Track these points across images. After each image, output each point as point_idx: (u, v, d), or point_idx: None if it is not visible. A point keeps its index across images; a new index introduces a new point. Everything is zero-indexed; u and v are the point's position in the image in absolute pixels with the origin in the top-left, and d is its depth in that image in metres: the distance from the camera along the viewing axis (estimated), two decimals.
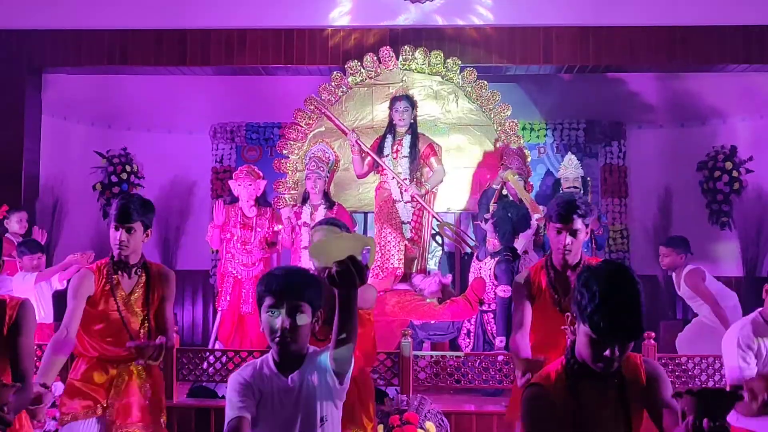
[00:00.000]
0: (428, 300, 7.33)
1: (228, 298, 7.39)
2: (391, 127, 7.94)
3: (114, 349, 4.15)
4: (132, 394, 4.18)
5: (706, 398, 2.26)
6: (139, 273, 4.27)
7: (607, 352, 2.59)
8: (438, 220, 7.86)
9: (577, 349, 2.70)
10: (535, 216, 7.36)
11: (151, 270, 4.31)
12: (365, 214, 8.64)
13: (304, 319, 2.82)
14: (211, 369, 6.06)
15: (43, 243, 7.43)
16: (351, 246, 2.68)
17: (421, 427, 5.28)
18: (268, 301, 2.82)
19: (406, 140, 7.84)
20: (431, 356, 6.19)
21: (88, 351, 4.20)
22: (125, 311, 4.19)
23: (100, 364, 4.21)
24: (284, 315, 2.79)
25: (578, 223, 4.00)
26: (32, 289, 6.74)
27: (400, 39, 8.57)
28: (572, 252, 4.04)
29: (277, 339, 2.80)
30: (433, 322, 7.40)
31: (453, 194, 8.39)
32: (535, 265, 4.28)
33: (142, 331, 4.20)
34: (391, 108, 7.91)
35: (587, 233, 4.09)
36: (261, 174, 7.68)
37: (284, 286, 2.81)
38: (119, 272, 4.24)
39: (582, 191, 8.01)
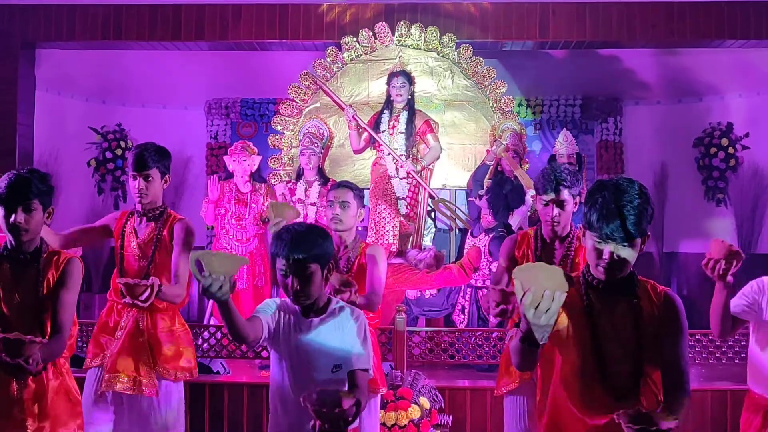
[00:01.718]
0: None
1: None
2: (388, 103, 7.92)
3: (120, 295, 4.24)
4: (123, 342, 4.25)
5: (638, 427, 2.41)
6: (159, 221, 4.40)
7: (604, 254, 2.73)
8: (433, 197, 7.85)
9: (587, 259, 2.85)
10: (530, 192, 7.35)
11: (169, 219, 4.42)
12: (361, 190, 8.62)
13: (312, 275, 3.09)
14: (205, 345, 6.07)
15: None
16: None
17: (415, 403, 5.30)
18: (278, 263, 3.10)
19: (403, 116, 7.82)
20: (425, 332, 6.20)
21: (111, 296, 4.42)
22: (137, 255, 4.34)
23: (114, 310, 4.37)
24: (294, 276, 3.07)
25: (565, 194, 4.03)
26: None
27: (395, 14, 8.52)
28: (561, 224, 4.08)
29: (292, 298, 3.12)
30: (428, 296, 7.42)
31: (449, 171, 8.39)
32: (526, 232, 4.32)
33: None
34: (388, 84, 7.88)
35: (576, 204, 4.10)
36: (256, 150, 7.66)
37: (291, 249, 3.06)
38: (143, 217, 4.41)
39: (577, 168, 8.00)
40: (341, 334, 3.15)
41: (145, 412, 4.26)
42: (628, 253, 2.75)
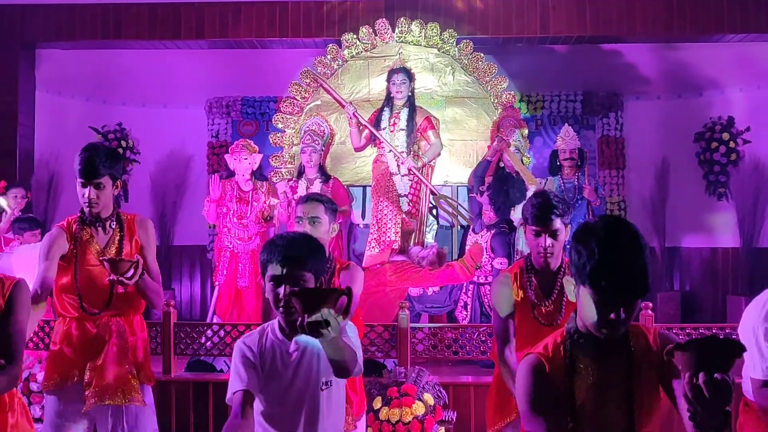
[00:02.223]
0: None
1: (225, 272, 7.38)
2: (388, 100, 7.91)
3: (91, 307, 4.00)
4: (109, 354, 3.99)
5: (700, 350, 2.04)
6: (113, 226, 4.11)
7: (612, 315, 2.36)
8: (435, 193, 7.85)
9: (579, 316, 2.48)
10: (532, 188, 7.34)
11: (126, 221, 4.15)
12: (363, 187, 8.62)
13: (306, 285, 2.81)
14: (209, 343, 6.07)
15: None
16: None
17: (419, 399, 5.29)
18: (270, 270, 2.83)
19: (404, 113, 7.81)
20: (429, 328, 6.20)
21: (68, 311, 4.04)
22: (100, 265, 3.94)
23: (80, 324, 4.04)
24: (287, 285, 2.79)
25: (557, 224, 3.77)
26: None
27: (396, 11, 8.52)
28: (554, 254, 3.83)
29: (282, 308, 2.81)
30: (430, 292, 7.42)
31: (450, 167, 8.39)
32: (513, 272, 3.99)
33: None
34: (388, 80, 7.87)
35: (567, 234, 3.83)
36: (257, 148, 7.66)
37: (286, 256, 2.80)
38: (92, 227, 4.07)
39: (579, 163, 8.00)
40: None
41: (134, 420, 4.01)
42: (626, 311, 2.39)
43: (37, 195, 8.81)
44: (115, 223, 4.12)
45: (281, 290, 2.79)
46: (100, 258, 3.91)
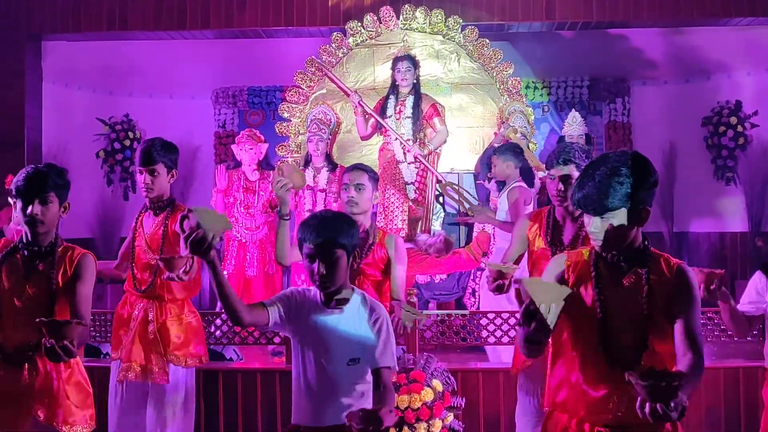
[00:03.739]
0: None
1: (233, 262, 7.40)
2: (393, 88, 7.89)
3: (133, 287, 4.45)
4: (135, 332, 4.37)
5: (648, 382, 2.31)
6: (164, 213, 4.48)
7: (590, 226, 2.72)
8: (441, 180, 7.84)
9: None
10: (539, 174, 7.33)
11: (175, 211, 4.47)
12: None
13: (338, 261, 3.08)
14: (218, 332, 6.08)
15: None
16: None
17: (428, 386, 5.30)
18: (305, 249, 3.10)
19: (409, 101, 7.79)
20: (437, 315, 6.20)
21: (126, 286, 4.54)
22: (145, 249, 4.44)
23: (128, 302, 4.50)
24: (320, 261, 3.05)
25: (571, 169, 3.97)
26: None
27: None
28: (567, 199, 3.98)
29: (317, 283, 3.09)
30: (438, 280, 7.42)
31: (456, 154, 8.37)
32: (540, 211, 4.32)
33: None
34: (393, 68, 7.85)
35: None
36: (263, 138, 7.66)
37: (318, 236, 3.06)
38: (147, 210, 4.53)
39: (589, 148, 7.98)
40: (360, 327, 3.14)
41: (158, 398, 4.36)
42: (604, 224, 2.71)
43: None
44: (167, 209, 4.54)
45: (315, 266, 3.05)
46: (157, 259, 4.22)
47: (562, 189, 3.99)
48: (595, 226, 2.71)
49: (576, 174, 3.97)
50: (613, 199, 2.65)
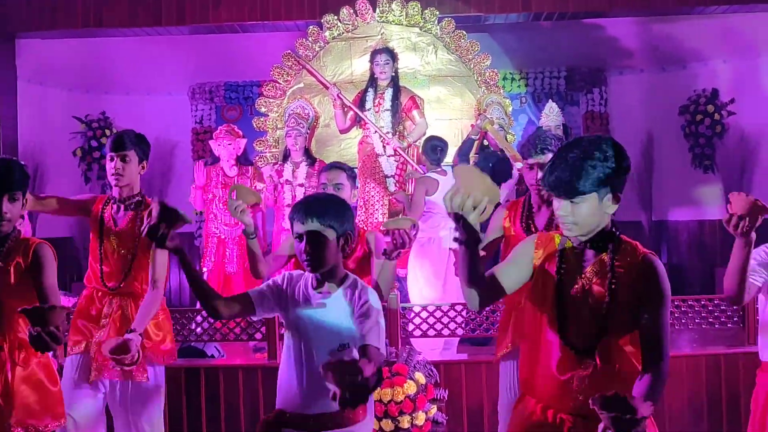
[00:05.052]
0: None
1: (213, 258, 7.39)
2: (372, 81, 7.88)
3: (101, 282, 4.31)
4: (112, 330, 4.25)
5: (612, 414, 2.31)
6: (132, 207, 4.35)
7: (559, 210, 2.70)
8: (420, 173, 7.83)
9: None
10: (517, 165, 7.33)
11: (144, 203, 4.37)
12: None
13: (326, 241, 3.10)
14: (198, 329, 6.05)
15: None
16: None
17: (411, 378, 5.30)
18: (295, 228, 3.13)
19: (388, 93, 7.79)
20: (419, 307, 6.19)
21: (90, 281, 4.39)
22: (116, 246, 4.30)
23: (95, 297, 4.35)
24: (307, 240, 3.08)
25: (549, 157, 3.96)
26: None
27: None
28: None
29: (304, 263, 3.11)
30: None
31: None
32: (517, 200, 4.37)
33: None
34: (371, 61, 7.85)
35: None
36: (240, 133, 7.64)
37: (307, 215, 3.09)
38: (114, 205, 4.38)
39: (564, 137, 7.99)
40: (351, 312, 3.11)
41: (133, 396, 4.28)
42: (574, 209, 2.68)
43: None
44: (136, 204, 4.40)
45: (303, 246, 3.08)
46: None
47: (541, 177, 4.00)
48: (565, 210, 2.68)
49: None
50: (585, 182, 2.62)
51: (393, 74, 7.81)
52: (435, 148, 7.14)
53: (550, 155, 3.93)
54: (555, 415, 2.79)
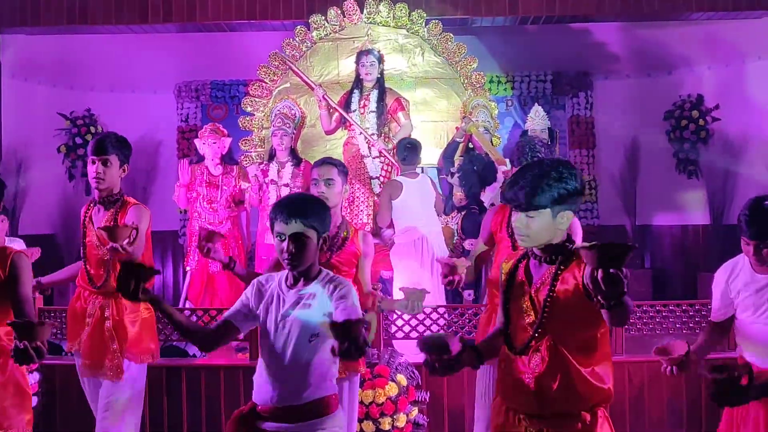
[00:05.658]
0: None
1: (196, 257, 7.36)
2: (358, 82, 7.89)
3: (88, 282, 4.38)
4: (92, 329, 4.33)
5: (600, 251, 2.46)
6: (114, 207, 4.38)
7: (515, 222, 2.94)
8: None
9: None
10: (501, 168, 7.35)
11: (128, 205, 4.40)
12: None
13: (308, 241, 3.15)
14: None
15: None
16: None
17: (393, 380, 5.31)
18: (276, 227, 3.18)
19: (374, 95, 7.79)
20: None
21: (80, 281, 4.48)
22: (96, 244, 4.35)
23: (81, 297, 4.44)
24: (289, 240, 3.13)
25: None
26: None
27: None
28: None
29: (285, 261, 3.16)
30: None
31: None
32: (504, 205, 4.54)
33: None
34: (357, 62, 7.85)
35: None
36: (225, 132, 7.63)
37: (289, 215, 3.14)
38: (96, 205, 4.43)
39: (549, 143, 8.01)
40: (325, 304, 3.15)
41: (108, 394, 4.31)
42: (528, 221, 2.89)
43: (5, 182, 8.69)
44: (117, 204, 4.43)
45: (284, 245, 3.13)
46: (96, 228, 4.25)
47: None
48: (520, 222, 2.91)
49: None
50: (540, 198, 2.85)
51: (378, 76, 7.81)
52: (405, 147, 7.16)
53: None
54: (515, 416, 3.00)
